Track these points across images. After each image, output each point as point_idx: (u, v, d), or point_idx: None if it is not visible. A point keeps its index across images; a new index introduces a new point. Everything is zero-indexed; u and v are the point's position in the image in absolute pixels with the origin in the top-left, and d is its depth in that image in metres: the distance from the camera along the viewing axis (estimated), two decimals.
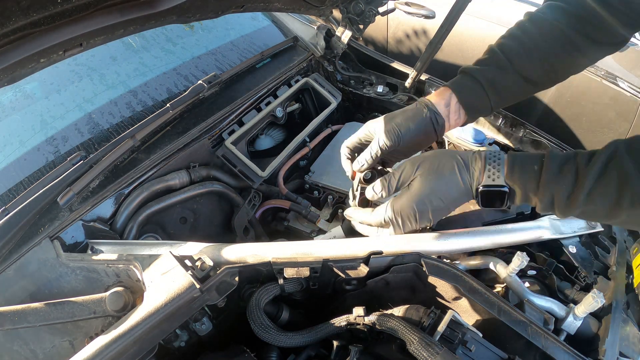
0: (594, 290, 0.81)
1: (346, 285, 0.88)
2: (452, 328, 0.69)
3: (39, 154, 1.14)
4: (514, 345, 0.74)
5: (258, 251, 0.85)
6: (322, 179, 1.37)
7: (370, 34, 3.11)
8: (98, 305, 0.80)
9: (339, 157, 1.46)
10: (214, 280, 0.78)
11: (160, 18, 0.87)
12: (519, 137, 1.46)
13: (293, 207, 1.29)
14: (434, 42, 1.48)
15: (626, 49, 2.05)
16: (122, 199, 1.07)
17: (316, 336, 0.81)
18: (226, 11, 1.04)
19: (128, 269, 0.86)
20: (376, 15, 1.59)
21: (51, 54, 0.71)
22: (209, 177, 1.24)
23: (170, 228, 1.20)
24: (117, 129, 1.23)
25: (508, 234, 0.89)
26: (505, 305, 0.77)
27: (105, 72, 1.37)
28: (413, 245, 0.85)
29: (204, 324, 0.84)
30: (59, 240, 0.94)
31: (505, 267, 0.91)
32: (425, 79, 1.64)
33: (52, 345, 0.84)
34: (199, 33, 1.67)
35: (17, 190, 1.05)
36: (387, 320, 0.73)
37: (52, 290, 0.89)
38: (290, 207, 1.29)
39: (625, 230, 1.16)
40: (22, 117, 1.22)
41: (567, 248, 1.04)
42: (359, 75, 1.78)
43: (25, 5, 0.58)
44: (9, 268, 0.89)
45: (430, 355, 0.63)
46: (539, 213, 1.11)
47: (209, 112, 1.29)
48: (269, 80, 1.47)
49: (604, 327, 0.84)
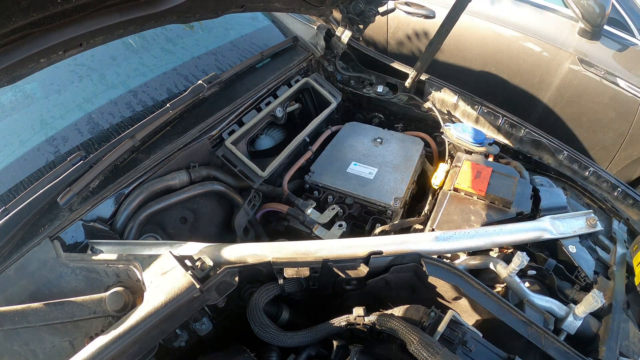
0: (594, 290, 0.81)
1: (346, 285, 0.88)
2: (452, 328, 0.69)
3: (39, 154, 1.14)
4: (514, 345, 0.74)
5: (258, 251, 0.85)
6: (322, 179, 1.38)
7: (370, 34, 3.11)
8: (98, 305, 0.80)
9: (338, 157, 1.46)
10: (214, 281, 0.78)
11: (160, 18, 0.87)
12: (519, 137, 1.46)
13: (290, 213, 1.28)
14: (434, 42, 1.48)
15: (626, 49, 2.05)
16: (122, 199, 1.07)
17: (316, 336, 0.81)
18: (226, 11, 1.04)
19: (128, 269, 0.85)
20: (376, 15, 1.59)
21: (51, 54, 0.71)
22: (209, 177, 1.24)
23: (171, 228, 1.20)
24: (117, 129, 1.23)
25: (508, 234, 0.89)
26: (505, 305, 0.77)
27: (106, 72, 1.37)
28: (413, 245, 0.85)
29: (204, 324, 0.84)
30: (59, 240, 0.94)
31: (505, 267, 0.91)
32: (425, 79, 1.64)
33: (52, 345, 0.84)
34: (199, 33, 1.66)
35: (17, 190, 1.05)
36: (387, 320, 0.73)
37: (52, 290, 0.89)
38: (288, 213, 1.29)
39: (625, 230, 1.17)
40: (22, 117, 1.22)
41: (567, 248, 1.04)
42: (359, 75, 1.78)
43: (25, 6, 0.58)
44: (9, 268, 0.89)
45: (431, 355, 0.63)
46: (539, 213, 1.11)
47: (208, 112, 1.29)
48: (269, 80, 1.47)
49: (604, 327, 0.84)
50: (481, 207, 1.11)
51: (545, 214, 1.04)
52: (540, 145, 1.43)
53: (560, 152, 1.39)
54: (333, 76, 1.77)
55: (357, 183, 1.35)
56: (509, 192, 1.11)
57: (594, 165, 1.35)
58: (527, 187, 1.17)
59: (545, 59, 2.19)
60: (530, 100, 2.39)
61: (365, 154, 1.48)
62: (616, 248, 1.06)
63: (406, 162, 1.44)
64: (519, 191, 1.13)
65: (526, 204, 1.12)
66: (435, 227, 1.07)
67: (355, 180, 1.36)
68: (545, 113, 2.37)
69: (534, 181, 1.27)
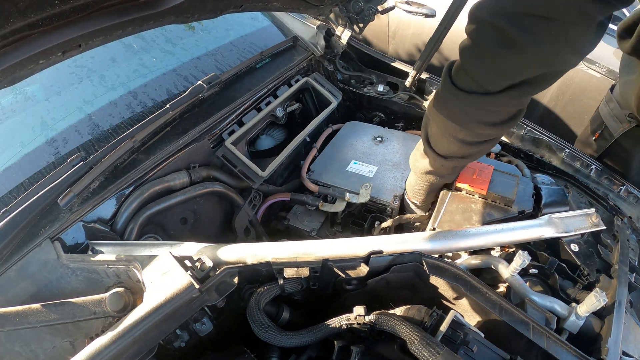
0: (597, 289, 0.81)
1: (346, 285, 0.88)
2: (454, 328, 0.68)
3: (39, 156, 1.14)
4: (516, 344, 0.74)
5: (258, 251, 0.85)
6: (322, 178, 1.37)
7: (370, 33, 3.11)
8: (98, 306, 0.80)
9: (338, 156, 1.46)
10: (214, 281, 0.78)
11: (159, 18, 0.86)
12: (520, 135, 1.45)
13: (294, 198, 1.30)
14: (434, 40, 1.47)
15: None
16: (122, 200, 1.07)
17: (316, 336, 0.80)
18: (225, 11, 1.04)
19: (128, 270, 0.86)
20: (376, 14, 1.59)
21: (50, 55, 0.71)
22: (209, 177, 1.24)
23: (171, 229, 1.20)
24: (117, 130, 1.23)
25: (509, 232, 0.89)
26: (507, 305, 0.76)
27: (105, 74, 1.38)
28: (413, 244, 0.84)
29: (204, 324, 0.84)
30: (59, 241, 0.94)
31: (506, 267, 0.90)
32: (426, 78, 1.64)
33: (52, 346, 0.84)
34: (198, 34, 1.66)
35: (18, 192, 1.05)
36: (388, 319, 0.73)
37: (53, 291, 0.89)
38: (291, 198, 1.31)
39: (629, 228, 1.16)
40: (23, 119, 1.22)
41: (569, 246, 1.03)
42: (359, 75, 1.78)
43: (23, 7, 0.58)
44: (10, 269, 0.89)
45: (432, 355, 0.63)
46: (540, 212, 1.11)
47: (208, 112, 1.29)
48: (269, 80, 1.47)
49: (607, 326, 0.84)
50: (482, 205, 1.10)
51: (547, 213, 1.04)
52: (541, 143, 1.42)
53: (561, 150, 1.38)
54: (333, 75, 1.77)
55: (356, 181, 1.34)
56: (511, 190, 1.11)
57: (595, 163, 1.34)
58: (528, 186, 1.16)
59: None
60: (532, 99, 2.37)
61: (365, 153, 1.47)
62: (618, 246, 1.06)
63: (406, 161, 1.43)
64: (520, 190, 1.12)
65: (528, 203, 1.11)
66: (436, 226, 1.07)
67: (355, 178, 1.36)
68: (546, 111, 2.36)
69: (536, 179, 1.26)
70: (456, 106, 0.83)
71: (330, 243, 0.86)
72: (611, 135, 1.40)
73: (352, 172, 1.39)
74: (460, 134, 0.86)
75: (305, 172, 1.40)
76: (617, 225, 1.16)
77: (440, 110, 0.88)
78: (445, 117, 0.86)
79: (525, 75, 0.75)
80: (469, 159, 0.96)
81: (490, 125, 0.83)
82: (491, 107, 0.80)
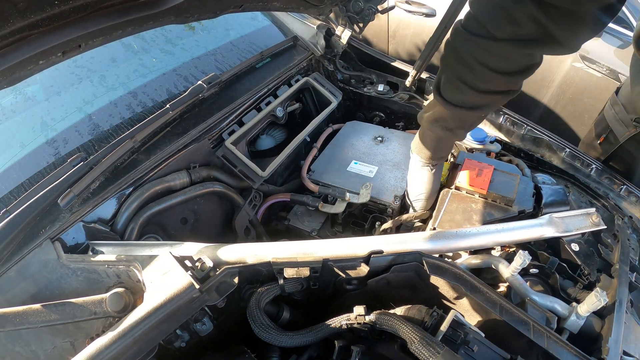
0: (597, 289, 0.80)
1: (347, 285, 0.88)
2: (454, 328, 0.68)
3: (39, 156, 1.14)
4: (517, 344, 0.74)
5: (258, 251, 0.85)
6: (322, 178, 1.37)
7: (370, 33, 3.11)
8: (99, 306, 0.80)
9: (339, 156, 1.46)
10: (214, 281, 0.78)
11: (159, 18, 0.86)
12: (521, 134, 1.45)
13: (294, 198, 1.30)
14: (434, 39, 1.47)
15: (628, 46, 2.03)
16: (122, 200, 1.07)
17: (317, 336, 0.80)
18: (225, 11, 1.04)
19: (128, 270, 0.86)
20: (375, 13, 1.58)
21: (50, 55, 0.71)
22: (209, 177, 1.24)
23: (171, 229, 1.20)
24: (117, 130, 1.23)
25: (510, 232, 0.89)
26: (507, 305, 0.76)
27: (105, 74, 1.38)
28: (414, 244, 0.84)
29: (204, 324, 0.84)
30: (59, 241, 0.94)
31: (507, 266, 0.90)
32: (426, 77, 1.64)
33: (53, 346, 0.84)
34: (198, 34, 1.66)
35: (18, 192, 1.05)
36: (388, 319, 0.73)
37: (53, 291, 0.89)
38: (291, 199, 1.30)
39: (629, 228, 1.16)
40: (23, 120, 1.22)
41: (570, 246, 1.03)
42: (359, 74, 1.78)
43: (23, 7, 0.58)
44: (10, 269, 0.89)
45: (432, 355, 0.63)
46: (541, 211, 1.11)
47: (208, 112, 1.29)
48: (269, 80, 1.47)
49: (607, 326, 0.84)
50: (483, 205, 1.10)
51: (548, 212, 1.04)
52: (542, 142, 1.42)
53: (562, 149, 1.38)
54: (333, 75, 1.77)
55: (357, 181, 1.34)
56: (511, 190, 1.10)
57: (595, 163, 1.34)
58: (529, 185, 1.16)
59: (546, 57, 2.18)
60: (532, 98, 2.38)
61: (365, 153, 1.47)
62: (619, 246, 1.05)
63: (407, 161, 1.43)
64: (520, 189, 1.12)
65: (528, 202, 1.11)
66: (436, 226, 1.07)
67: (355, 178, 1.36)
68: (547, 110, 2.36)
69: (536, 179, 1.26)
70: (466, 50, 0.85)
71: (331, 243, 0.86)
72: (616, 139, 1.40)
73: (352, 172, 1.39)
74: (469, 76, 0.87)
75: (306, 172, 1.40)
76: (617, 225, 1.15)
77: (452, 51, 0.90)
78: (455, 60, 0.88)
79: (527, 29, 0.75)
80: (475, 111, 0.94)
81: (497, 73, 0.84)
82: (498, 53, 0.81)
